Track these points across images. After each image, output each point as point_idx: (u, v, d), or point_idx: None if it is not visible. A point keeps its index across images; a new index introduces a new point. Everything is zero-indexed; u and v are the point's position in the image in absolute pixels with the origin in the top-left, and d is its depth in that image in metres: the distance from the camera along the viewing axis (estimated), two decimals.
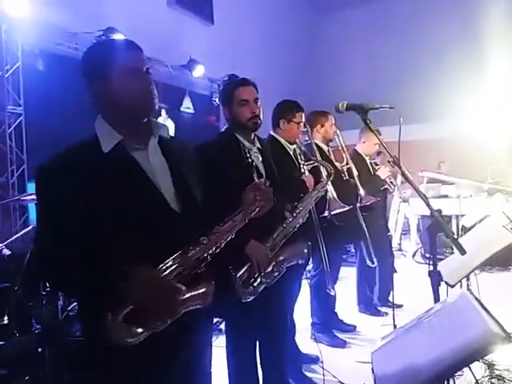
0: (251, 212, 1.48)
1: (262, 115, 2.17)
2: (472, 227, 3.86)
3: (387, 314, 4.02)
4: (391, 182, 4.10)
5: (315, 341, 3.52)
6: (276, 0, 8.50)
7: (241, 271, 1.94)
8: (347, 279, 4.56)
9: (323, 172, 2.77)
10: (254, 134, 2.23)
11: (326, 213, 2.95)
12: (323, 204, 2.88)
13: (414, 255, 6.80)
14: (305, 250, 2.20)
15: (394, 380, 1.17)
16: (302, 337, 3.39)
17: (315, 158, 2.87)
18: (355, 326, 3.84)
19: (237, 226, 1.42)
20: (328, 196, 2.92)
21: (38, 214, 1.31)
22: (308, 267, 3.49)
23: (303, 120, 2.80)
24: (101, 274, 1.18)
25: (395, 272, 4.22)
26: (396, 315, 3.52)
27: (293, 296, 2.90)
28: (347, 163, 3.50)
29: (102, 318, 1.14)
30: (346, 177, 3.39)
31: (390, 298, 4.14)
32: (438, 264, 1.60)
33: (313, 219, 2.73)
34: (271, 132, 2.85)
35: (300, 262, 2.20)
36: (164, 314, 1.22)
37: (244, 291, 1.95)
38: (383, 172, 3.89)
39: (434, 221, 1.46)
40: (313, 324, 3.61)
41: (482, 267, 4.37)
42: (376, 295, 4.26)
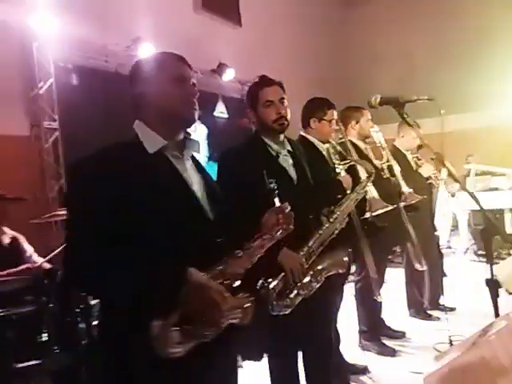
0: (276, 234, 1.43)
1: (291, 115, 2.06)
2: None
3: (439, 319, 3.77)
4: (436, 177, 3.84)
5: (363, 349, 3.36)
6: None
7: (274, 282, 1.83)
8: (392, 281, 4.32)
9: (361, 172, 2.61)
10: (284, 136, 2.11)
11: (368, 214, 2.77)
12: (363, 205, 2.71)
13: (466, 252, 6.46)
14: (345, 259, 2.06)
15: None
16: (349, 346, 3.22)
17: (351, 157, 2.70)
18: (404, 333, 3.62)
19: (266, 245, 1.38)
20: (368, 196, 2.74)
21: (75, 218, 1.23)
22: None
23: (335, 117, 2.66)
24: (150, 276, 1.12)
25: (445, 276, 3.96)
26: (449, 319, 3.29)
27: (335, 305, 2.75)
28: (388, 160, 3.29)
29: (147, 327, 1.05)
30: (387, 175, 3.19)
31: (441, 301, 3.90)
32: (494, 268, 1.43)
33: (354, 222, 2.57)
34: (301, 132, 2.71)
35: (340, 271, 2.06)
36: (216, 321, 1.15)
37: (279, 303, 1.84)
38: (426, 169, 3.66)
39: (489, 224, 1.28)
40: (360, 332, 3.42)
41: None
42: (427, 299, 4.00)
